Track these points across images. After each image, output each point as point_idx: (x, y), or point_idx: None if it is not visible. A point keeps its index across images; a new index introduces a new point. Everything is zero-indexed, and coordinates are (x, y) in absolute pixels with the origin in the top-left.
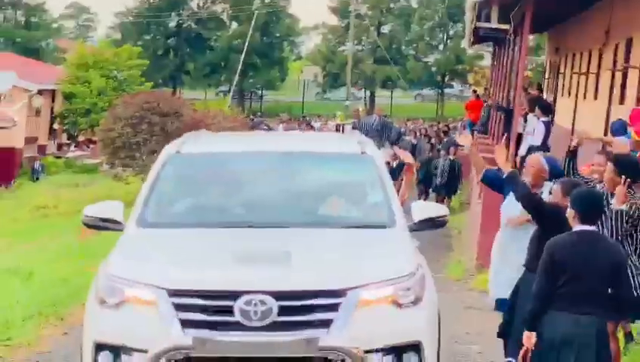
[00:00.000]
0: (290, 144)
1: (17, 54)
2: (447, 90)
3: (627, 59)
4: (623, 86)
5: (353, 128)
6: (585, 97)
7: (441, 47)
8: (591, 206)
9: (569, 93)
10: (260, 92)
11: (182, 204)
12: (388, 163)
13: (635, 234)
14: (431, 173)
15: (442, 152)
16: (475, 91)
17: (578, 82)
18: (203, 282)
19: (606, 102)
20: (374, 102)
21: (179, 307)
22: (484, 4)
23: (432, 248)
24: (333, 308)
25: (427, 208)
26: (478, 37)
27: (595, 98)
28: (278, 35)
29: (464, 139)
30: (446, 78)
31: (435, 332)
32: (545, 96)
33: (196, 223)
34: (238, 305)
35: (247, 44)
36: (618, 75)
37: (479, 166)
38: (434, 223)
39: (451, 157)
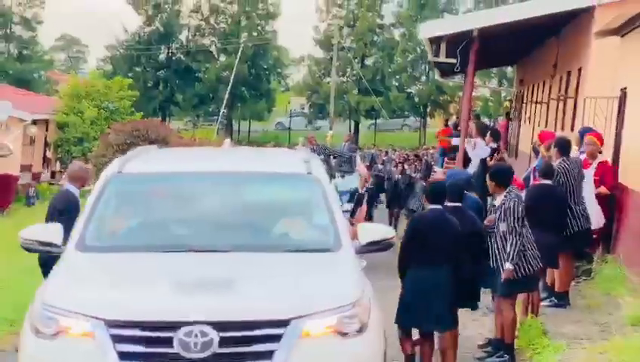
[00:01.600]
0: (235, 163)
1: (11, 85)
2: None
3: (567, 90)
4: (564, 113)
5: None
6: (539, 124)
7: (423, 78)
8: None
9: (529, 121)
10: (248, 122)
11: (122, 227)
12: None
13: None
14: (399, 195)
15: (418, 178)
16: (446, 120)
17: (535, 111)
18: (142, 312)
19: (552, 128)
20: (358, 132)
21: (117, 338)
22: (436, 39)
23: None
24: (276, 338)
25: (374, 230)
26: (445, 70)
27: (546, 125)
28: (265, 67)
29: None
30: (428, 108)
31: (381, 358)
32: (512, 123)
33: (137, 247)
34: (178, 336)
35: (233, 76)
36: (561, 104)
37: None
38: (380, 246)
39: (424, 183)
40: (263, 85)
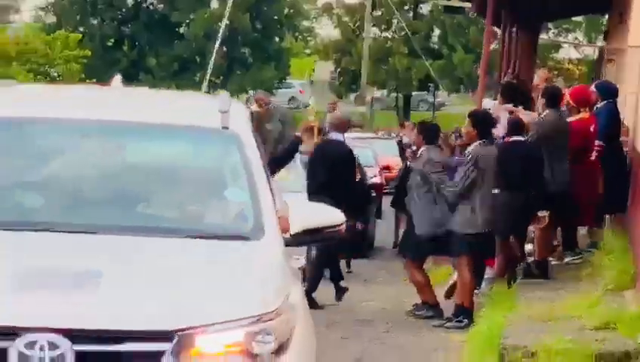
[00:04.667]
0: (119, 109)
1: None
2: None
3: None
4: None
5: None
6: None
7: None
8: None
9: None
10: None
11: None
12: None
13: None
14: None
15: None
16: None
17: (609, 72)
18: None
19: None
20: (409, 110)
21: None
22: None
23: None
24: (155, 357)
25: (313, 213)
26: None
27: None
28: (275, 17)
29: None
30: None
31: None
32: None
33: None
34: (17, 347)
35: (222, 28)
36: (620, 60)
37: None
38: (321, 236)
39: None
40: (272, 44)
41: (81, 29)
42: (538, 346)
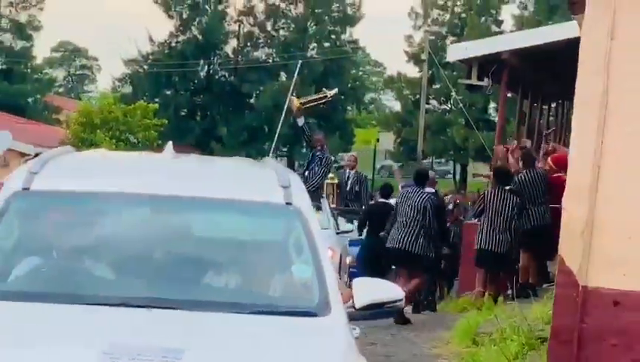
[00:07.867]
0: (185, 184)
1: None
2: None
3: None
4: None
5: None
6: None
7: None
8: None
9: None
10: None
11: (25, 266)
12: None
13: None
14: None
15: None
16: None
17: None
18: None
19: None
20: (466, 180)
21: None
22: (466, 61)
23: None
24: None
25: (376, 288)
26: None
27: None
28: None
29: None
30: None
31: None
32: None
33: (45, 296)
34: None
35: (288, 101)
36: None
37: None
38: (384, 310)
39: None
40: (337, 115)
41: (157, 100)
42: (497, 332)
